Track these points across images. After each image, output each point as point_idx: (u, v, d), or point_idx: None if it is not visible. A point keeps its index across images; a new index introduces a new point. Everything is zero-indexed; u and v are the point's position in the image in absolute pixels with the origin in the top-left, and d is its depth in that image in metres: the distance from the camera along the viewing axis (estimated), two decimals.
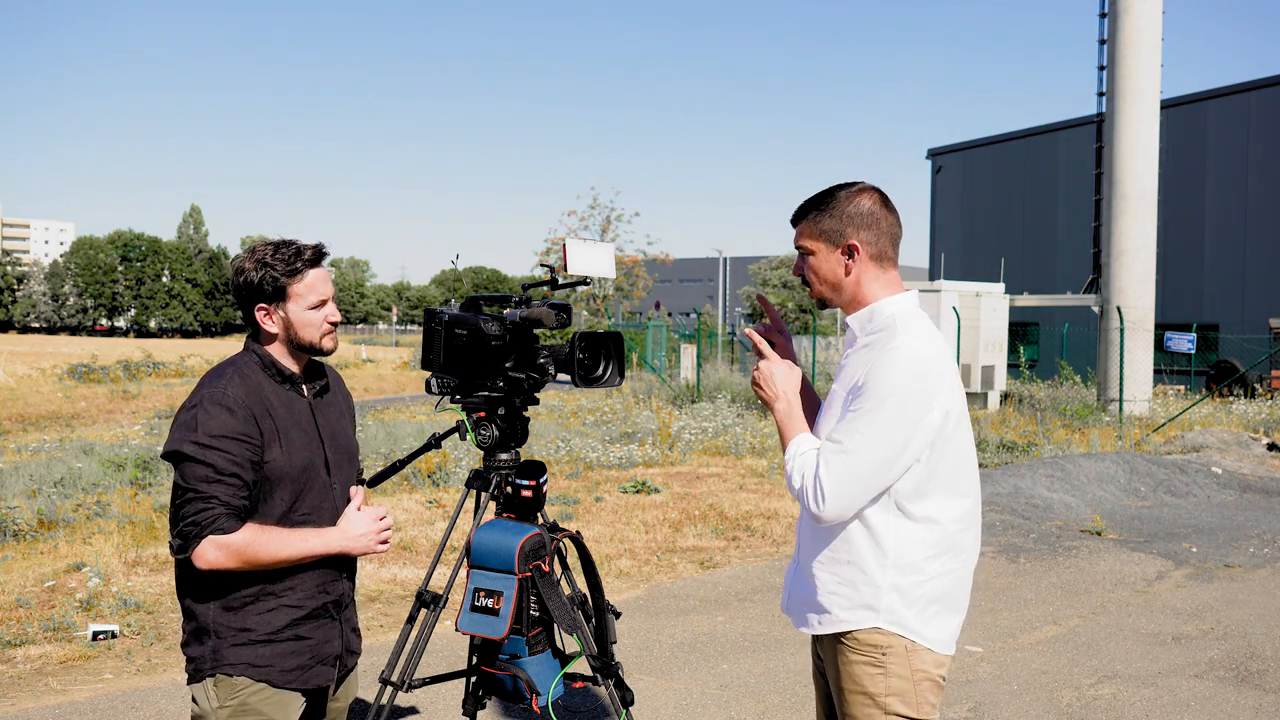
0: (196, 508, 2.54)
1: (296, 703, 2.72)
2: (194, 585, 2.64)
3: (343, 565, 2.83)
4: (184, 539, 2.57)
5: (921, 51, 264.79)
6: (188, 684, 2.71)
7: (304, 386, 2.78)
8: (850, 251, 2.57)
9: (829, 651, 2.61)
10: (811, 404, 2.74)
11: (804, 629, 2.63)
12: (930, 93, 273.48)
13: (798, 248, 2.66)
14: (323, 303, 2.73)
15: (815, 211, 2.61)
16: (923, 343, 2.48)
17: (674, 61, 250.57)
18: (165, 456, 2.61)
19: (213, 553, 2.55)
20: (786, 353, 2.75)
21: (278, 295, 2.68)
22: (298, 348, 2.75)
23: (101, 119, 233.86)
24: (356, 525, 2.75)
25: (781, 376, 2.63)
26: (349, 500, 2.84)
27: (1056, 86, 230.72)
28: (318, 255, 2.72)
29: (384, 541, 2.81)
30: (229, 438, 2.56)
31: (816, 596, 2.57)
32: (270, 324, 2.71)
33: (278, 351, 2.74)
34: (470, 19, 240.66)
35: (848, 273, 2.59)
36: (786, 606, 2.74)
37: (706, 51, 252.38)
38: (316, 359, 2.85)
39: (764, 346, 2.69)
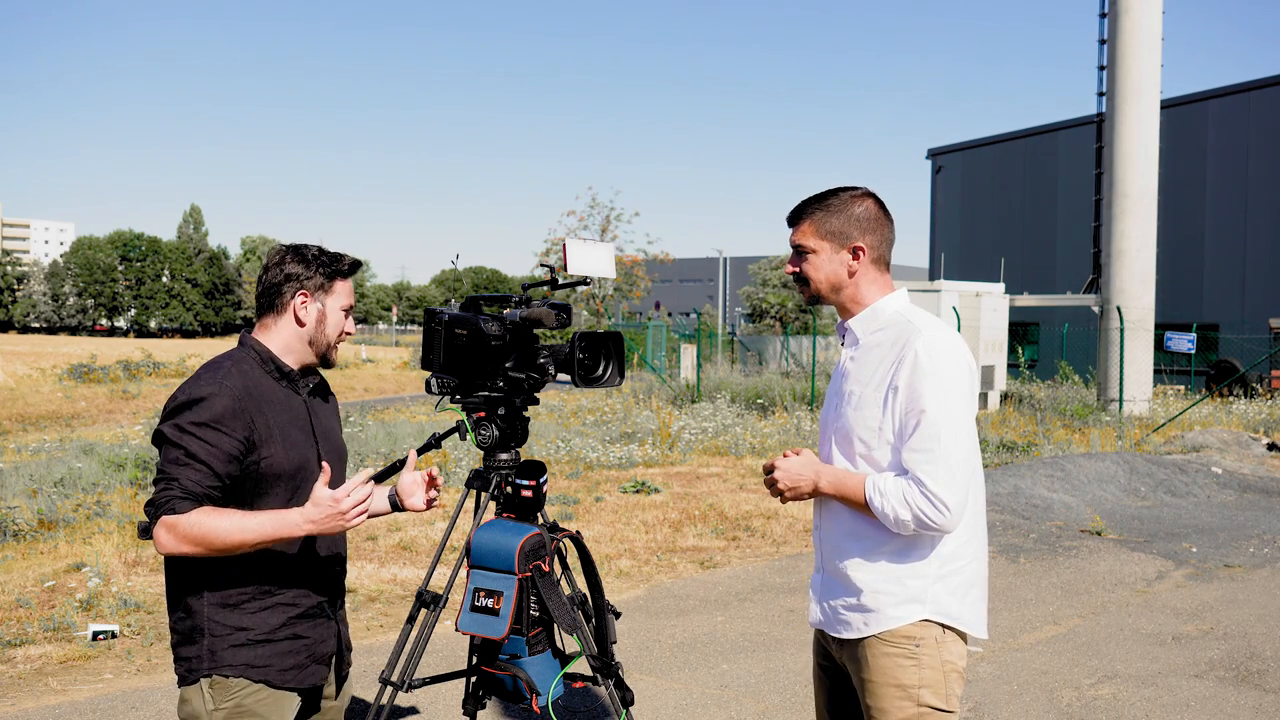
0: (159, 489, 2.51)
1: (292, 703, 2.70)
2: (189, 581, 2.60)
3: (336, 561, 2.81)
4: (148, 521, 2.53)
5: (921, 52, 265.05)
6: (179, 685, 2.64)
7: (300, 384, 2.78)
8: (856, 253, 2.63)
9: (853, 648, 2.61)
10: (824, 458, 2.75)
11: (847, 634, 2.60)
12: (930, 93, 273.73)
13: (796, 246, 2.69)
14: (348, 308, 2.83)
15: (820, 211, 2.65)
16: (946, 331, 2.57)
17: (674, 61, 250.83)
18: (152, 442, 2.60)
19: (162, 535, 2.48)
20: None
21: (322, 287, 2.76)
22: (314, 346, 2.77)
23: (101, 119, 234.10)
24: (319, 504, 2.53)
25: (797, 465, 2.62)
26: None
27: (1056, 86, 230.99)
28: (356, 266, 2.85)
29: (355, 516, 2.56)
30: (209, 425, 2.52)
31: (860, 598, 2.56)
32: (306, 311, 2.73)
33: (278, 347, 2.73)
34: (470, 18, 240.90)
35: (851, 274, 2.65)
36: (817, 619, 2.71)
37: (706, 51, 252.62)
38: (315, 366, 2.85)
39: (766, 469, 2.69)
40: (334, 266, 2.78)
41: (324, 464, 2.64)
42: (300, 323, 2.74)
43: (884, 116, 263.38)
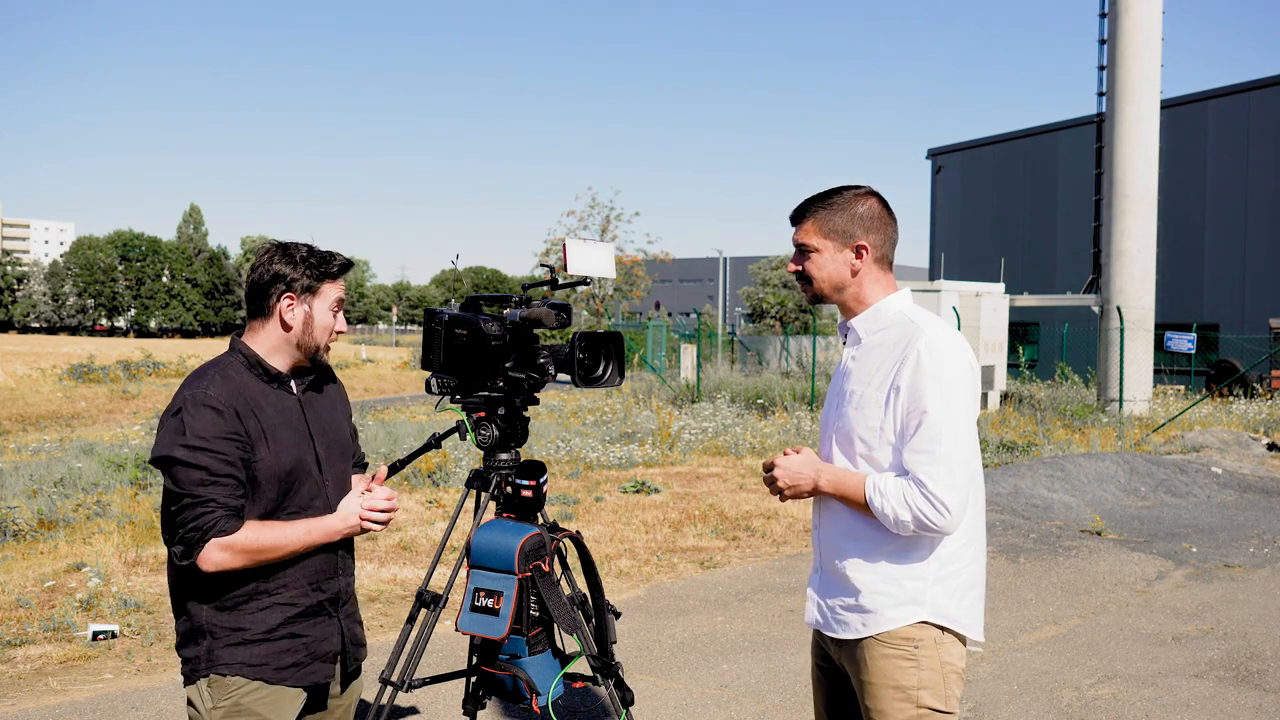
0: (196, 513, 2.53)
1: (293, 701, 2.71)
2: (188, 586, 2.63)
3: (337, 562, 2.81)
4: (187, 545, 2.54)
5: (921, 52, 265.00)
6: (184, 685, 2.69)
7: (292, 384, 2.77)
8: (859, 252, 2.62)
9: (852, 649, 2.60)
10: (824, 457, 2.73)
11: (845, 634, 2.59)
12: (930, 93, 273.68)
13: (799, 244, 2.68)
14: (339, 306, 2.80)
15: (823, 210, 2.64)
16: (949, 331, 2.55)
17: (674, 62, 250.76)
18: (154, 462, 2.58)
19: (218, 555, 2.54)
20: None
21: (309, 290, 2.72)
22: (302, 349, 2.74)
23: (101, 119, 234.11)
24: (349, 507, 2.75)
25: (797, 462, 2.62)
26: (343, 494, 2.82)
27: (1056, 86, 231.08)
28: (347, 266, 2.83)
29: (377, 521, 2.77)
30: (219, 438, 2.54)
31: (859, 599, 2.55)
32: (291, 315, 2.71)
33: (266, 350, 2.72)
34: (470, 20, 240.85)
35: (854, 273, 2.64)
36: (815, 619, 2.70)
37: (706, 52, 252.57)
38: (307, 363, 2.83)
39: (766, 467, 2.68)
40: (322, 269, 2.74)
41: (361, 477, 2.89)
42: (286, 327, 2.71)
43: (884, 117, 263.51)
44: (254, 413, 2.63)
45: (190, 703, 2.66)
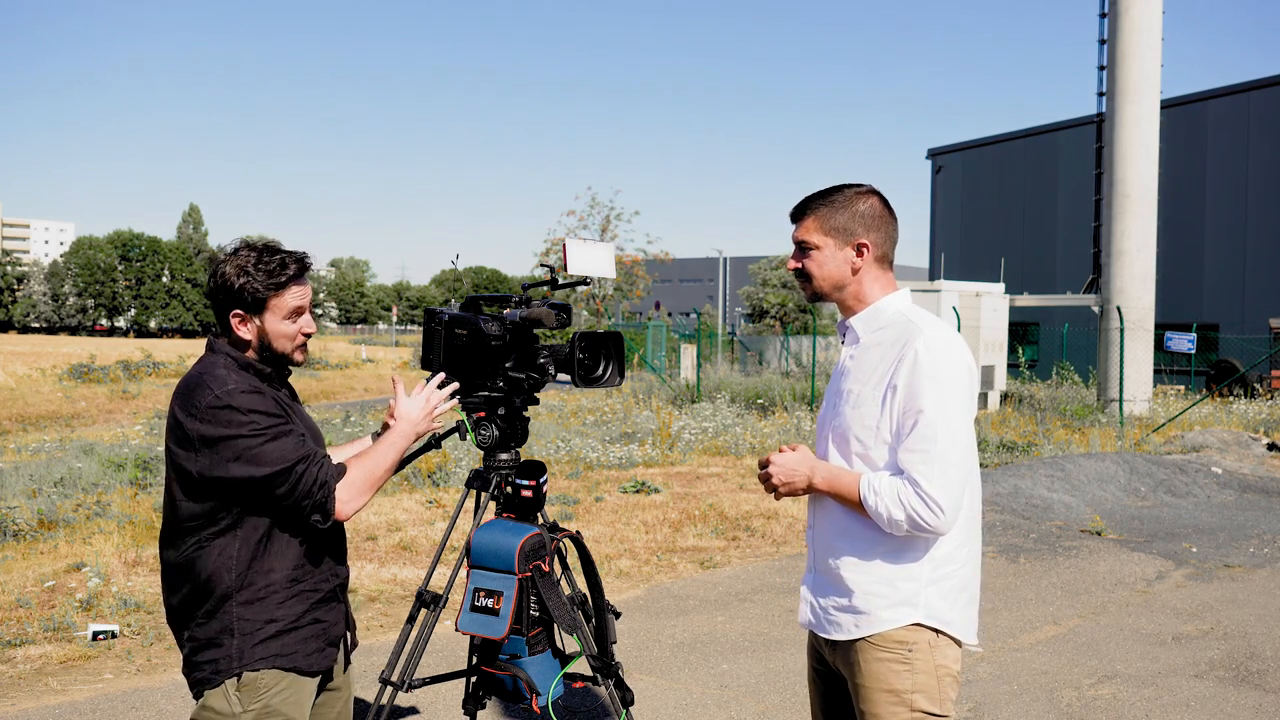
0: (311, 472, 2.54)
1: (310, 695, 2.70)
2: (213, 584, 2.56)
3: (343, 546, 2.84)
4: (321, 508, 2.56)
5: (921, 51, 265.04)
6: (203, 689, 2.59)
7: (277, 382, 2.75)
8: (859, 250, 2.60)
9: (846, 651, 2.59)
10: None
11: (838, 635, 2.58)
12: (930, 93, 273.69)
13: (799, 241, 2.66)
14: (298, 313, 2.68)
15: (824, 207, 2.62)
16: (947, 331, 2.54)
17: (674, 60, 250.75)
18: (231, 464, 2.47)
19: (346, 495, 2.60)
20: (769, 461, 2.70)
21: (256, 306, 2.62)
22: (269, 358, 2.68)
23: (102, 119, 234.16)
24: (414, 409, 2.82)
25: (792, 460, 2.60)
26: None
27: (1056, 86, 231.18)
28: (301, 269, 2.67)
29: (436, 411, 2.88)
30: (276, 411, 2.56)
31: (852, 600, 2.54)
32: (244, 331, 2.64)
33: (249, 352, 2.70)
34: (470, 20, 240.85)
35: (854, 271, 2.62)
36: (808, 619, 2.68)
37: (706, 51, 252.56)
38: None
39: (761, 464, 2.66)
40: (269, 281, 2.60)
41: (394, 378, 2.96)
42: (243, 345, 2.67)
43: (884, 117, 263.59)
44: (274, 400, 2.64)
45: (209, 707, 2.57)
